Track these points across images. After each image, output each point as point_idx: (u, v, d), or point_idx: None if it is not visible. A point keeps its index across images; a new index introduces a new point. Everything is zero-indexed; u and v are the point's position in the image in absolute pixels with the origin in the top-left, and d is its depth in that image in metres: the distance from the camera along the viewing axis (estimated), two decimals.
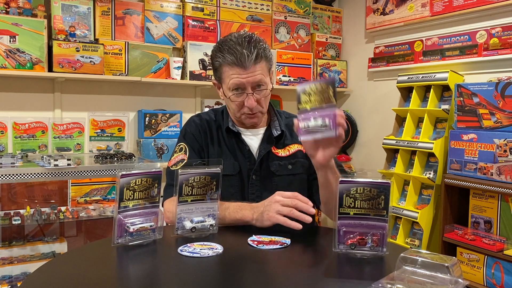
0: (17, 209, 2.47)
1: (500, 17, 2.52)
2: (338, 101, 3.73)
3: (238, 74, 1.43)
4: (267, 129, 1.60)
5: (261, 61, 1.44)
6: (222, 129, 1.58)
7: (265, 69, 1.47)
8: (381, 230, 1.11)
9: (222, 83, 1.50)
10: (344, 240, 1.13)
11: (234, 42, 1.44)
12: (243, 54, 1.41)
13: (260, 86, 1.46)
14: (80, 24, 2.66)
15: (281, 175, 1.55)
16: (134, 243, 1.17)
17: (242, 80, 1.43)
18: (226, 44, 1.45)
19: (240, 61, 1.42)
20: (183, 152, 1.55)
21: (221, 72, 1.48)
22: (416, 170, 2.68)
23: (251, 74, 1.43)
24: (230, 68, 1.44)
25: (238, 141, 1.56)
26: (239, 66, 1.42)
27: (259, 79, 1.45)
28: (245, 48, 1.42)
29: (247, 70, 1.43)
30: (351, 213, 1.12)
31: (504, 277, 2.12)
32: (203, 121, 1.60)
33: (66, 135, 2.65)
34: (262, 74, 1.45)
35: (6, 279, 2.28)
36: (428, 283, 0.88)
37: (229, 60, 1.43)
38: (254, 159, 1.55)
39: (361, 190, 1.11)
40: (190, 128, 1.60)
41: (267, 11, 3.32)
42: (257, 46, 1.44)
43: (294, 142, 1.61)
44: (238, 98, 1.47)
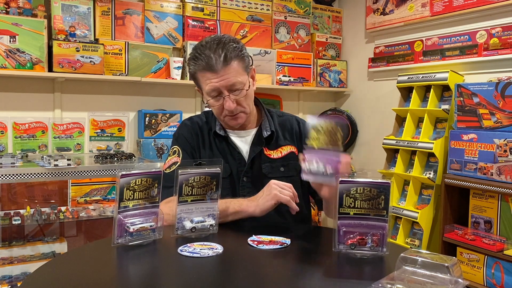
0: (17, 209, 2.47)
1: (500, 17, 2.52)
2: (338, 101, 3.74)
3: (210, 79, 1.42)
4: (258, 130, 1.58)
5: (231, 62, 1.42)
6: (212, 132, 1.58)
7: (240, 69, 1.44)
8: (381, 230, 1.11)
9: (202, 89, 1.50)
10: (344, 240, 1.13)
11: (204, 46, 1.43)
12: (211, 58, 1.40)
13: (236, 87, 1.44)
14: (80, 24, 2.66)
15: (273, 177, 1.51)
16: (134, 243, 1.17)
17: (215, 85, 1.42)
18: (197, 50, 1.45)
19: (209, 66, 1.40)
20: (176, 155, 1.55)
21: (197, 78, 1.48)
22: (416, 170, 2.68)
23: (223, 77, 1.41)
24: (202, 74, 1.44)
25: (228, 144, 1.56)
26: (209, 71, 1.41)
27: (233, 81, 1.42)
28: (213, 51, 1.40)
29: (218, 73, 1.41)
30: (351, 213, 1.13)
31: (504, 277, 2.12)
32: (195, 124, 1.60)
33: (66, 135, 2.65)
34: (236, 75, 1.43)
35: (6, 279, 2.28)
36: (428, 283, 0.88)
37: (200, 66, 1.43)
38: (245, 161, 1.53)
39: (361, 190, 1.11)
40: (182, 131, 1.60)
41: (267, 11, 3.32)
42: (225, 47, 1.41)
43: (287, 143, 1.59)
44: (216, 102, 1.46)
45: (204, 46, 1.43)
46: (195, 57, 1.44)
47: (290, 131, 1.62)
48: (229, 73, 1.42)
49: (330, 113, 3.54)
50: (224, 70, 1.41)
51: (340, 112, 3.53)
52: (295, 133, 1.62)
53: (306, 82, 3.41)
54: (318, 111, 3.59)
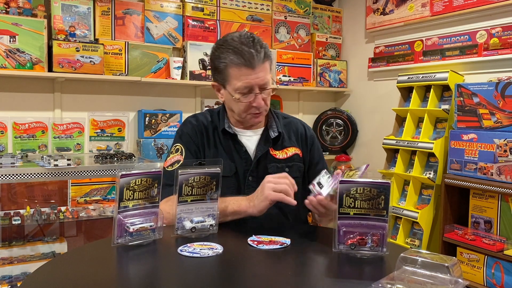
0: (17, 209, 2.47)
1: (500, 17, 2.52)
2: (338, 101, 3.74)
3: (246, 75, 1.40)
4: (265, 130, 1.58)
5: (267, 60, 1.43)
6: (218, 131, 1.56)
7: (269, 68, 1.46)
8: (381, 230, 1.11)
9: (227, 84, 1.47)
10: (344, 240, 1.13)
11: (238, 42, 1.41)
12: (252, 54, 1.38)
13: (267, 85, 1.45)
14: (80, 24, 2.66)
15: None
16: (134, 243, 1.17)
17: (251, 81, 1.41)
18: (230, 44, 1.42)
19: (250, 62, 1.39)
20: (179, 153, 1.54)
21: (227, 74, 1.44)
22: (416, 170, 2.68)
23: (258, 74, 1.41)
24: (238, 69, 1.41)
25: (235, 142, 1.55)
26: (247, 67, 1.39)
27: (266, 80, 1.43)
28: (252, 48, 1.39)
29: (255, 70, 1.40)
30: (351, 213, 1.13)
31: (504, 277, 2.12)
32: (200, 122, 1.58)
33: (66, 135, 2.65)
34: (267, 73, 1.44)
35: (6, 279, 2.28)
36: (428, 283, 0.88)
37: (236, 61, 1.40)
38: (251, 160, 1.53)
39: (361, 190, 1.11)
40: (186, 128, 1.59)
41: (267, 11, 3.32)
42: (262, 45, 1.42)
43: (292, 145, 1.60)
44: (245, 99, 1.45)
45: (238, 41, 1.41)
46: (229, 51, 1.41)
47: (296, 134, 1.63)
48: (263, 71, 1.43)
49: (330, 113, 3.54)
50: (261, 67, 1.41)
51: (340, 112, 3.53)
52: (300, 136, 1.63)
53: (306, 82, 3.40)
54: (318, 111, 3.59)
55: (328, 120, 3.54)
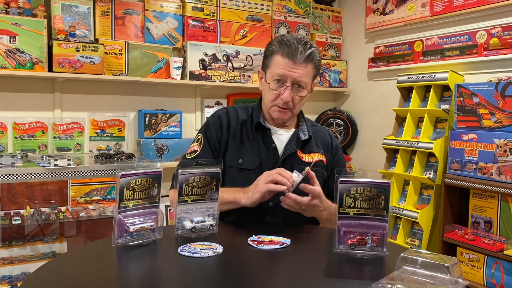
0: (17, 209, 2.47)
1: (500, 17, 2.52)
2: (338, 101, 3.74)
3: (285, 65, 1.48)
4: (295, 132, 1.64)
5: (309, 63, 1.50)
6: (248, 125, 1.62)
7: (311, 74, 1.53)
8: (381, 230, 1.12)
9: (267, 70, 1.55)
10: (344, 240, 1.13)
11: (293, 38, 1.51)
12: (298, 49, 1.48)
13: (300, 84, 1.51)
14: (80, 24, 2.66)
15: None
16: (134, 243, 1.17)
17: (286, 72, 1.48)
18: (285, 37, 1.52)
19: (292, 54, 1.47)
20: (199, 143, 1.62)
21: (271, 59, 1.53)
22: (416, 170, 2.68)
23: (296, 69, 1.48)
24: (281, 57, 1.49)
25: (266, 137, 1.59)
26: (289, 58, 1.48)
27: (302, 78, 1.49)
28: (302, 45, 1.49)
29: (295, 64, 1.48)
30: (351, 213, 1.13)
31: (504, 277, 2.12)
32: (229, 116, 1.64)
33: (66, 135, 2.65)
34: (305, 75, 1.50)
35: (6, 279, 2.28)
36: (428, 283, 0.88)
37: (282, 51, 1.49)
38: (278, 157, 1.58)
39: (361, 190, 1.11)
40: (213, 120, 1.64)
41: (267, 11, 3.32)
42: (312, 50, 1.50)
43: (319, 151, 1.65)
44: (276, 88, 1.51)
45: (294, 37, 1.51)
46: (282, 41, 1.51)
47: (323, 141, 1.69)
48: (302, 70, 1.49)
49: (330, 113, 3.54)
50: (301, 65, 1.49)
51: (340, 112, 3.53)
52: (326, 144, 1.69)
53: None
54: (318, 111, 3.59)
55: (328, 120, 3.54)
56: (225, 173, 1.58)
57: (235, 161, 1.57)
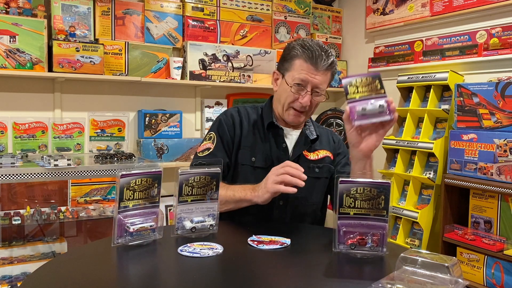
0: (17, 209, 2.47)
1: (500, 17, 2.52)
2: (338, 101, 3.74)
3: (307, 70, 1.52)
4: (302, 132, 1.68)
5: (330, 71, 1.56)
6: (259, 125, 1.65)
7: (328, 80, 1.58)
8: (381, 230, 1.12)
9: (287, 73, 1.58)
10: (344, 240, 1.13)
11: (316, 44, 1.56)
12: (321, 56, 1.52)
13: (320, 90, 1.56)
14: (80, 24, 2.66)
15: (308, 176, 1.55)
16: (134, 243, 1.17)
17: (309, 78, 1.52)
18: (307, 42, 1.56)
19: (316, 61, 1.52)
20: (211, 141, 1.64)
21: (292, 63, 1.56)
22: (416, 170, 2.68)
23: (317, 76, 1.53)
24: (304, 62, 1.53)
25: (277, 137, 1.63)
26: (311, 64, 1.52)
27: (321, 84, 1.55)
28: (324, 52, 1.54)
29: (317, 70, 1.53)
30: (351, 213, 1.13)
31: (504, 277, 2.12)
32: (241, 114, 1.67)
33: (66, 135, 2.65)
34: (325, 82, 1.56)
35: (6, 279, 2.28)
36: (428, 283, 0.88)
37: (305, 56, 1.53)
38: (289, 157, 1.61)
39: (361, 190, 1.11)
40: (225, 119, 1.67)
41: (267, 11, 3.32)
42: (332, 58, 1.55)
43: (324, 148, 1.70)
44: (296, 92, 1.55)
45: (316, 43, 1.56)
46: (304, 46, 1.54)
47: (327, 140, 1.74)
48: (323, 76, 1.55)
49: (330, 113, 3.54)
50: (322, 72, 1.54)
51: (340, 112, 3.53)
52: (331, 142, 1.74)
53: None
54: (318, 111, 3.59)
55: (328, 120, 3.54)
56: (236, 171, 1.62)
57: (249, 159, 1.60)
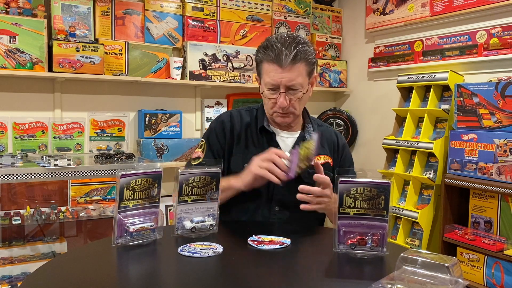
0: (17, 209, 2.47)
1: (500, 17, 2.52)
2: (338, 101, 3.74)
3: (274, 72, 1.44)
4: (301, 134, 1.61)
5: (298, 63, 1.44)
6: (252, 129, 1.59)
7: (303, 71, 1.46)
8: (381, 230, 1.12)
9: (261, 78, 1.53)
10: (344, 240, 1.13)
11: (277, 40, 1.45)
12: (282, 52, 1.42)
13: (295, 87, 1.46)
14: (80, 24, 2.66)
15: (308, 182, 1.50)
16: (134, 243, 1.17)
17: (276, 79, 1.44)
18: (269, 41, 1.47)
19: (278, 59, 1.42)
20: (202, 150, 1.60)
21: (261, 67, 1.50)
22: (416, 170, 2.68)
23: (286, 74, 1.43)
24: (268, 64, 1.46)
25: (271, 141, 1.57)
26: (276, 64, 1.43)
27: (293, 81, 1.44)
28: (285, 47, 1.42)
29: (283, 69, 1.42)
30: (351, 213, 1.13)
31: (504, 277, 2.12)
32: (233, 119, 1.62)
33: (66, 135, 2.65)
34: (298, 76, 1.44)
35: (6, 279, 2.28)
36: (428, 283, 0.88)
37: (268, 57, 1.45)
38: None
39: (361, 190, 1.11)
40: (216, 126, 1.62)
41: (267, 11, 3.32)
42: (298, 47, 1.43)
43: (325, 153, 1.62)
44: (271, 95, 1.48)
45: (278, 39, 1.46)
46: (266, 46, 1.46)
47: (329, 142, 1.66)
48: (293, 72, 1.43)
49: (330, 113, 3.54)
50: (290, 67, 1.43)
51: (340, 112, 3.53)
52: (333, 145, 1.66)
53: None
54: (318, 111, 3.59)
55: (328, 120, 3.54)
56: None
57: (240, 166, 1.53)
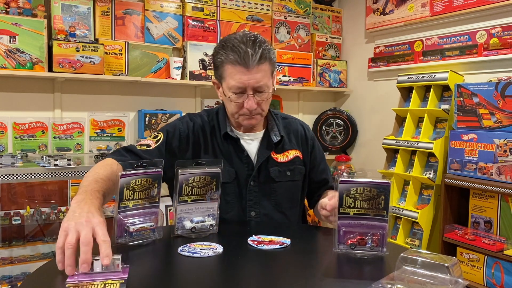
0: (17, 209, 2.47)
1: (500, 17, 2.52)
2: (338, 101, 3.74)
3: (240, 74, 1.37)
4: (265, 133, 1.54)
5: (264, 62, 1.38)
6: (216, 134, 1.51)
7: (268, 71, 1.41)
8: (381, 230, 1.12)
9: (223, 81, 1.44)
10: (344, 240, 1.13)
11: (239, 40, 1.38)
12: (247, 53, 1.35)
13: (262, 89, 1.40)
14: (80, 24, 2.66)
15: (280, 182, 1.51)
16: (134, 243, 1.17)
17: (244, 82, 1.37)
18: (230, 42, 1.39)
19: (244, 60, 1.35)
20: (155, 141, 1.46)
21: (223, 70, 1.41)
22: (416, 170, 2.68)
23: (253, 75, 1.37)
24: (232, 67, 1.37)
25: (236, 146, 1.50)
26: (242, 66, 1.36)
27: (262, 81, 1.38)
28: (250, 47, 1.36)
29: (250, 70, 1.36)
30: (351, 213, 1.13)
31: (504, 277, 2.12)
32: (197, 126, 1.52)
33: (66, 135, 2.65)
34: (264, 76, 1.39)
35: (6, 279, 2.28)
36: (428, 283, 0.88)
37: (231, 59, 1.37)
38: (253, 165, 1.49)
39: (361, 190, 1.11)
40: (182, 127, 1.51)
41: (267, 11, 3.32)
42: (262, 46, 1.38)
43: (293, 147, 1.57)
44: (238, 99, 1.41)
45: (239, 40, 1.38)
46: (228, 47, 1.38)
47: (296, 135, 1.60)
48: (259, 72, 1.38)
49: (330, 113, 3.54)
50: (256, 69, 1.37)
51: (340, 112, 3.53)
52: (300, 137, 1.60)
53: (306, 82, 3.40)
54: (318, 111, 3.59)
55: (328, 120, 3.54)
56: None
57: None
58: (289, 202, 1.54)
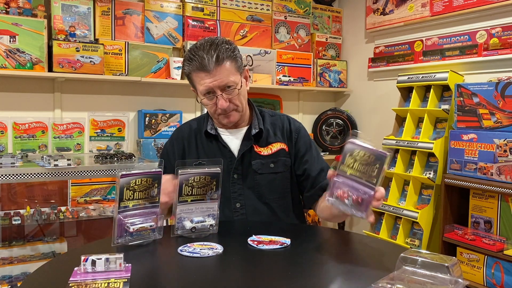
0: (17, 209, 2.47)
1: (500, 17, 2.52)
2: (338, 101, 3.74)
3: (203, 79, 1.46)
4: (248, 129, 1.63)
5: (223, 62, 1.46)
6: (202, 135, 1.62)
7: (232, 69, 1.49)
8: (365, 195, 1.13)
9: (196, 89, 1.55)
10: (334, 191, 1.17)
11: (198, 48, 1.48)
12: (204, 58, 1.44)
13: (229, 87, 1.48)
14: (80, 24, 2.66)
15: (262, 173, 1.57)
16: (134, 243, 1.17)
17: (208, 85, 1.46)
18: (191, 51, 1.49)
19: (203, 66, 1.44)
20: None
21: (191, 79, 1.52)
22: (416, 170, 2.68)
23: (215, 77, 1.45)
24: (196, 74, 1.48)
25: (218, 143, 1.60)
26: (203, 71, 1.45)
27: (225, 81, 1.46)
28: (206, 52, 1.45)
29: (211, 73, 1.45)
30: (348, 173, 1.16)
31: (504, 277, 2.12)
32: (180, 133, 1.66)
33: (66, 135, 2.65)
34: (228, 75, 1.47)
35: (6, 279, 2.28)
36: (428, 283, 0.88)
37: (194, 67, 1.47)
38: (235, 158, 1.57)
39: (362, 154, 1.14)
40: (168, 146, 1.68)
41: (267, 11, 3.32)
42: (218, 48, 1.46)
43: (277, 140, 1.63)
44: (210, 101, 1.50)
45: (198, 47, 1.48)
46: (189, 58, 1.48)
47: (281, 129, 1.66)
48: (221, 73, 1.46)
49: (330, 113, 3.55)
50: (217, 70, 1.45)
51: (340, 112, 3.53)
52: (285, 131, 1.66)
53: (306, 82, 3.40)
54: (318, 111, 3.59)
55: (328, 120, 3.54)
56: None
57: None
58: (273, 193, 1.58)
